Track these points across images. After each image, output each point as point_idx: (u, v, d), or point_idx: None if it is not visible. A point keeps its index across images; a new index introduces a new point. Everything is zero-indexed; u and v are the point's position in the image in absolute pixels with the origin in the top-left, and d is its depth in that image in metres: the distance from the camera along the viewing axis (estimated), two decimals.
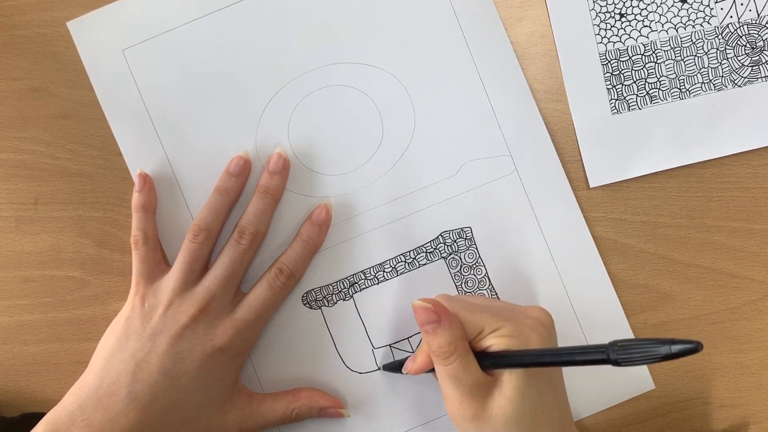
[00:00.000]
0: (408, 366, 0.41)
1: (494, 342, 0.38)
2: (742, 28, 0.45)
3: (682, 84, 0.45)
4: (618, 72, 0.45)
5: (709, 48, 0.45)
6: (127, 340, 0.40)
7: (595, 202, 0.46)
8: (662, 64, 0.45)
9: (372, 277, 0.45)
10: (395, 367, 0.44)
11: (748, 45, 0.45)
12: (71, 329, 0.46)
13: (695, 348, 0.28)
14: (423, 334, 0.38)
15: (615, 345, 0.31)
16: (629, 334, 0.46)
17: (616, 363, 0.31)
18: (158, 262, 0.43)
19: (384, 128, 0.45)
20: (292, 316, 0.45)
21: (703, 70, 0.45)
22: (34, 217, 0.46)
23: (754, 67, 0.45)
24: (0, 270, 0.46)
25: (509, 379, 0.37)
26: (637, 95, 0.45)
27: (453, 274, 0.45)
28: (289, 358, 0.45)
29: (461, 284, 0.45)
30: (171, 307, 0.41)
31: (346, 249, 0.45)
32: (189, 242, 0.42)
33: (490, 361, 0.38)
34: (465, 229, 0.45)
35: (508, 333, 0.37)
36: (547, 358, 0.35)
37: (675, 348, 0.29)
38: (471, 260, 0.45)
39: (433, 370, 0.40)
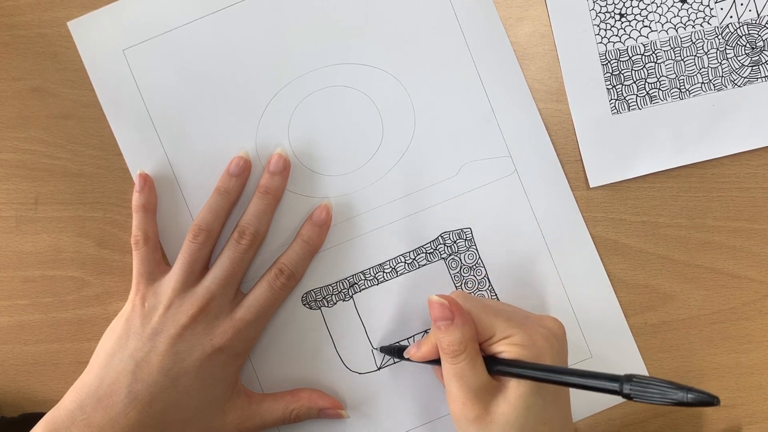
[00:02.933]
0: (411, 351, 0.41)
1: (505, 349, 0.38)
2: (742, 28, 0.45)
3: (682, 84, 0.45)
4: (618, 72, 0.45)
5: (709, 48, 0.45)
6: (127, 340, 0.40)
7: (595, 202, 0.46)
8: (662, 64, 0.45)
9: (372, 277, 0.45)
10: (393, 351, 0.44)
11: (748, 45, 0.45)
12: (71, 329, 0.46)
13: (711, 401, 0.28)
14: (434, 330, 0.38)
15: (631, 379, 0.31)
16: (628, 335, 0.46)
17: (628, 397, 0.31)
18: (158, 262, 0.43)
19: (384, 129, 0.45)
20: (291, 316, 0.45)
21: (703, 70, 0.45)
22: (34, 217, 0.46)
23: (754, 67, 0.45)
24: (0, 270, 0.46)
25: (515, 387, 0.37)
26: (637, 95, 0.45)
27: (453, 275, 0.45)
28: (288, 358, 0.45)
29: (461, 285, 0.45)
30: (171, 307, 0.41)
31: (346, 249, 0.45)
32: (189, 242, 0.42)
33: (498, 367, 0.37)
34: (465, 230, 0.45)
35: (520, 342, 0.37)
36: (558, 377, 0.35)
37: (690, 396, 0.29)
38: (471, 261, 0.45)
39: (434, 362, 0.40)
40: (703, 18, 0.45)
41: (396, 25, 0.45)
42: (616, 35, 0.45)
